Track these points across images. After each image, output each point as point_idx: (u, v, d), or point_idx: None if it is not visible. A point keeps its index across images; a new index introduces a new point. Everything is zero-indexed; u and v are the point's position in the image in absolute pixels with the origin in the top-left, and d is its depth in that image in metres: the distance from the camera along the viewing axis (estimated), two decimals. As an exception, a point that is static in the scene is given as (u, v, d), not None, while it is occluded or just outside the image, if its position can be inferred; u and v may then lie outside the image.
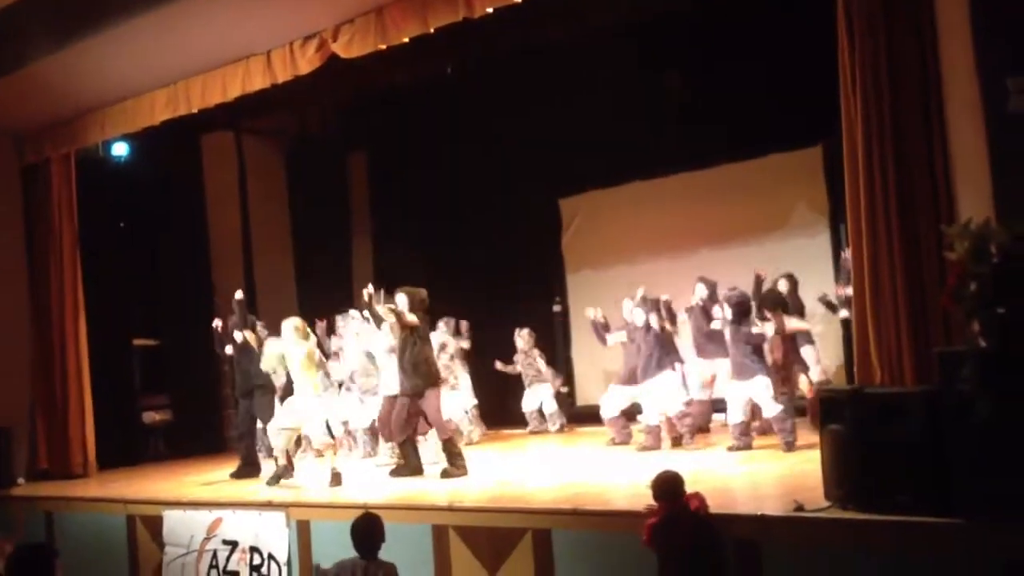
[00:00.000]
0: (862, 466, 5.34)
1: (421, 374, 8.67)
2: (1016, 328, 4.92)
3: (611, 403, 10.09)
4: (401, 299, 8.86)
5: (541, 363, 11.89)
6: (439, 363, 9.70)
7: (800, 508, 5.55)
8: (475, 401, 11.64)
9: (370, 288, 9.12)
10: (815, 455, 6.13)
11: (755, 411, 9.03)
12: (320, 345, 10.26)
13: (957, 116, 6.23)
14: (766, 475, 7.56)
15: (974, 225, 5.24)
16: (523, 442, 11.35)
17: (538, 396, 11.90)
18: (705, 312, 9.80)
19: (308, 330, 9.10)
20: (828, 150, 10.39)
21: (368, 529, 5.93)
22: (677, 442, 9.40)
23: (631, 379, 9.76)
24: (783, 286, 9.78)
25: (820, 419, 5.85)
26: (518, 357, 11.92)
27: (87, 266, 11.64)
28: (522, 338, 11.90)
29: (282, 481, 8.82)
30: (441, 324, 11.15)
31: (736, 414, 8.82)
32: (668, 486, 5.61)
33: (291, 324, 8.98)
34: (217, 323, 10.58)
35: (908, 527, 5.03)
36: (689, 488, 5.71)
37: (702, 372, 9.84)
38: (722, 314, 9.07)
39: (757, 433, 9.09)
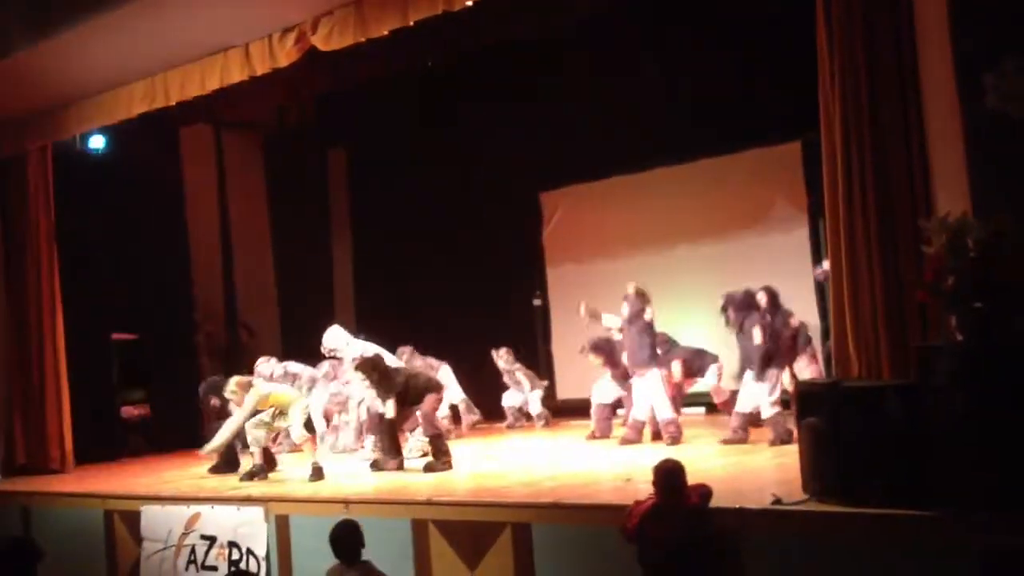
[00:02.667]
0: (839, 459, 5.37)
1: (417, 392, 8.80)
2: (992, 322, 4.97)
3: (604, 391, 10.14)
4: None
5: (523, 377, 11.80)
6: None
7: (778, 501, 5.58)
8: (463, 394, 11.59)
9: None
10: (793, 448, 6.17)
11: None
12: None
13: (935, 111, 6.26)
14: (745, 468, 7.59)
15: (951, 219, 5.28)
16: (504, 436, 11.35)
17: (521, 396, 11.88)
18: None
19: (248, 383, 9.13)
20: (807, 145, 10.41)
21: (347, 536, 5.91)
22: (658, 435, 9.42)
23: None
24: (761, 299, 9.71)
25: (797, 413, 5.88)
26: (503, 371, 11.86)
27: (64, 260, 11.54)
28: (501, 359, 11.83)
29: (256, 478, 8.80)
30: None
31: (743, 404, 8.84)
32: (668, 476, 5.55)
33: (230, 386, 9.08)
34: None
35: (885, 519, 5.07)
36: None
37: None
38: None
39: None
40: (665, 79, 11.53)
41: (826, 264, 7.96)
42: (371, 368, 8.75)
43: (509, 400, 11.92)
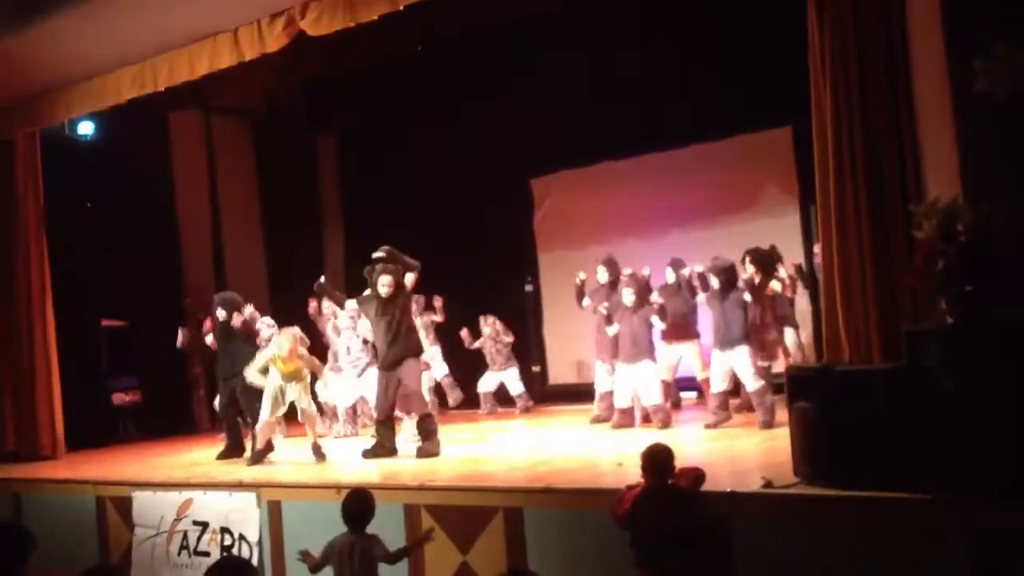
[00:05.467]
0: (830, 442, 5.40)
1: (402, 344, 8.68)
2: (982, 306, 4.98)
3: (602, 380, 10.13)
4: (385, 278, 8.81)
5: (502, 350, 11.84)
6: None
7: (769, 484, 5.61)
8: (446, 369, 11.61)
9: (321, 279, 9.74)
10: (784, 432, 6.19)
11: (737, 385, 9.07)
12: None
13: (925, 96, 6.26)
14: (736, 452, 7.63)
15: (942, 204, 5.29)
16: (495, 421, 11.37)
17: (498, 379, 11.88)
18: (682, 291, 9.83)
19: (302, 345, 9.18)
20: (798, 130, 10.41)
21: (351, 505, 5.94)
22: (647, 420, 9.45)
23: (613, 354, 9.81)
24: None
25: (788, 396, 5.90)
26: (483, 341, 11.88)
27: (54, 247, 11.49)
28: (488, 325, 11.86)
29: (261, 462, 8.83)
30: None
31: (717, 384, 8.86)
32: (657, 460, 5.58)
33: (265, 322, 9.02)
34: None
35: (875, 502, 5.10)
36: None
37: (669, 356, 9.85)
38: (708, 285, 9.08)
39: (735, 411, 9.15)
40: (655, 64, 11.51)
41: (817, 248, 8.00)
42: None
43: (484, 386, 11.93)
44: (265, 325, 10.26)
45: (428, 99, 12.99)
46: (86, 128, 12.06)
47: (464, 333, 11.90)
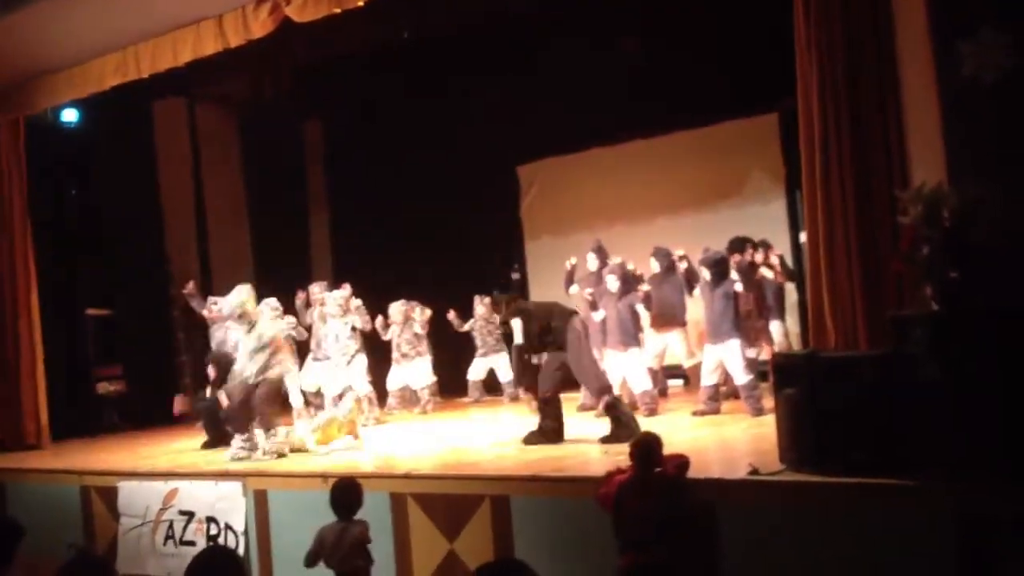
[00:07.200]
0: (816, 429, 5.40)
1: None
2: (966, 291, 4.99)
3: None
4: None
5: (491, 339, 11.81)
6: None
7: (755, 471, 5.61)
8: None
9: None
10: (771, 419, 6.20)
11: (726, 375, 9.08)
12: (298, 318, 10.22)
13: (911, 81, 6.27)
14: (723, 439, 7.64)
15: (927, 189, 5.29)
16: (481, 410, 11.34)
17: (488, 366, 11.85)
18: (669, 279, 9.82)
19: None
20: (785, 116, 10.42)
21: (340, 494, 5.94)
22: (634, 407, 9.44)
23: (601, 341, 9.79)
24: (759, 256, 9.85)
25: (775, 383, 5.89)
26: (474, 323, 11.86)
27: (38, 235, 11.43)
28: (484, 305, 11.82)
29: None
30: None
31: (708, 377, 8.84)
32: (646, 449, 5.58)
33: (269, 304, 9.04)
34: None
35: (861, 488, 5.10)
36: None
37: (656, 344, 9.85)
38: (697, 274, 9.07)
39: (723, 397, 9.13)
40: (642, 51, 11.49)
41: (803, 235, 8.00)
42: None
43: (475, 374, 11.92)
44: (269, 308, 10.00)
45: (415, 87, 12.93)
46: (70, 116, 11.98)
47: (452, 315, 11.86)
